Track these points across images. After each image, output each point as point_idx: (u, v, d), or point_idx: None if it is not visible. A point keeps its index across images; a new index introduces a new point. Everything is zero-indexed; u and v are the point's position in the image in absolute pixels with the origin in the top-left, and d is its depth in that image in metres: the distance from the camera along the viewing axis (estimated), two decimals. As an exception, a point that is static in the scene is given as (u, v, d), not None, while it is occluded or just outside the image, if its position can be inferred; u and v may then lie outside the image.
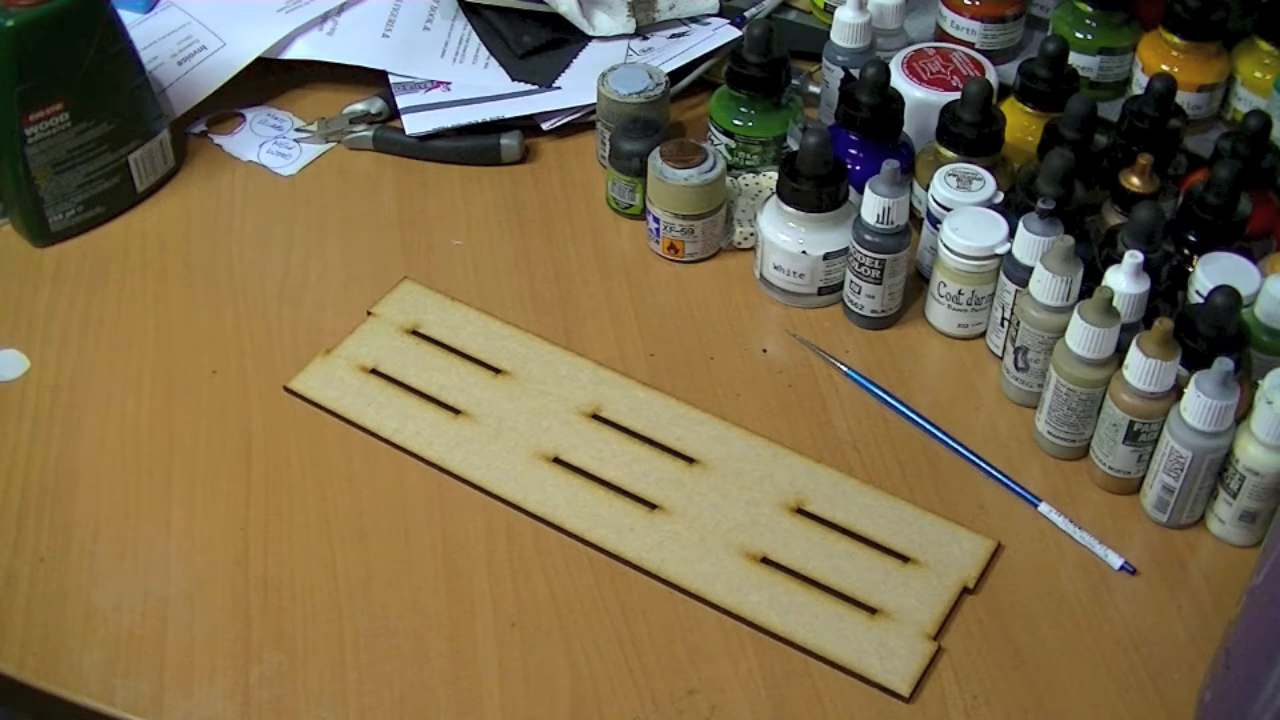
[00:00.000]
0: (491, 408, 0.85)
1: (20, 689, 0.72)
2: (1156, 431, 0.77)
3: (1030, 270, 0.81)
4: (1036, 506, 0.80)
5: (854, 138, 0.93)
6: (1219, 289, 0.76)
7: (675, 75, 1.05)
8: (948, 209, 0.87)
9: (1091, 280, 0.80)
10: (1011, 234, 0.84)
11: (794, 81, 0.99)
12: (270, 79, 1.08)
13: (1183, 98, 0.93)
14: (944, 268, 0.87)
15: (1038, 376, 0.83)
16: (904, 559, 0.77)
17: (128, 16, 0.99)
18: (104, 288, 0.93)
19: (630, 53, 1.08)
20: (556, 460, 0.82)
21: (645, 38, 1.10)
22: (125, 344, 0.90)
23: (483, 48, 1.08)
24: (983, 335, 0.89)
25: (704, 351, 0.89)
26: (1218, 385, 0.73)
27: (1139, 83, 1.00)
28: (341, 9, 1.08)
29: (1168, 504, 0.78)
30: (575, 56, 1.08)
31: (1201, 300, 0.79)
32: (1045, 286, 0.80)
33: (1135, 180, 0.86)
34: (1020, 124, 0.94)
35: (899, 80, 0.97)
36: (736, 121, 0.97)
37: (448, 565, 0.78)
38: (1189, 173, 0.91)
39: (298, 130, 1.05)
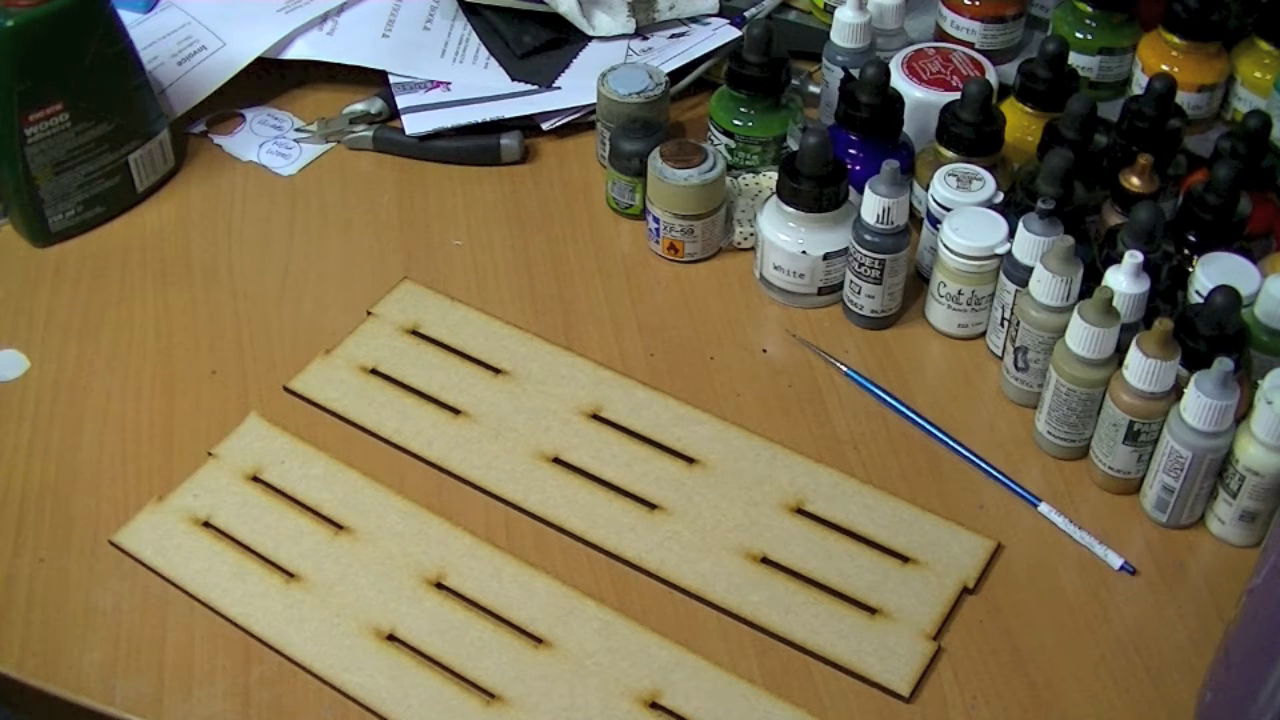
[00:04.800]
0: (491, 408, 0.85)
1: (20, 689, 0.72)
2: (1156, 431, 0.77)
3: (1030, 270, 0.81)
4: (1036, 506, 0.80)
5: (854, 138, 0.93)
6: (1219, 289, 0.76)
7: (675, 75, 1.05)
8: (948, 209, 0.87)
9: (1091, 280, 0.80)
10: (1011, 234, 0.84)
11: (794, 81, 0.99)
12: (270, 79, 1.08)
13: (1183, 98, 0.93)
14: (944, 268, 0.87)
15: (1038, 376, 0.83)
16: (904, 559, 0.77)
17: (128, 16, 0.99)
18: (104, 288, 0.93)
19: (630, 53, 1.08)
20: (556, 460, 0.82)
21: (645, 38, 1.10)
22: (125, 344, 0.90)
23: (483, 48, 1.08)
24: (983, 335, 0.89)
25: (704, 351, 0.89)
26: (1218, 385, 0.73)
27: (1139, 83, 1.00)
28: (341, 9, 1.08)
29: (1168, 504, 0.78)
30: (575, 56, 1.08)
31: (1201, 300, 0.79)
32: (1045, 286, 0.80)
33: (1135, 180, 0.86)
34: (1020, 124, 0.94)
35: (899, 80, 0.97)
36: (736, 121, 0.97)
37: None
38: (1189, 173, 0.91)
39: (298, 130, 1.05)
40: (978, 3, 1.03)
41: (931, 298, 0.89)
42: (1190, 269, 0.82)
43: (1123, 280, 0.78)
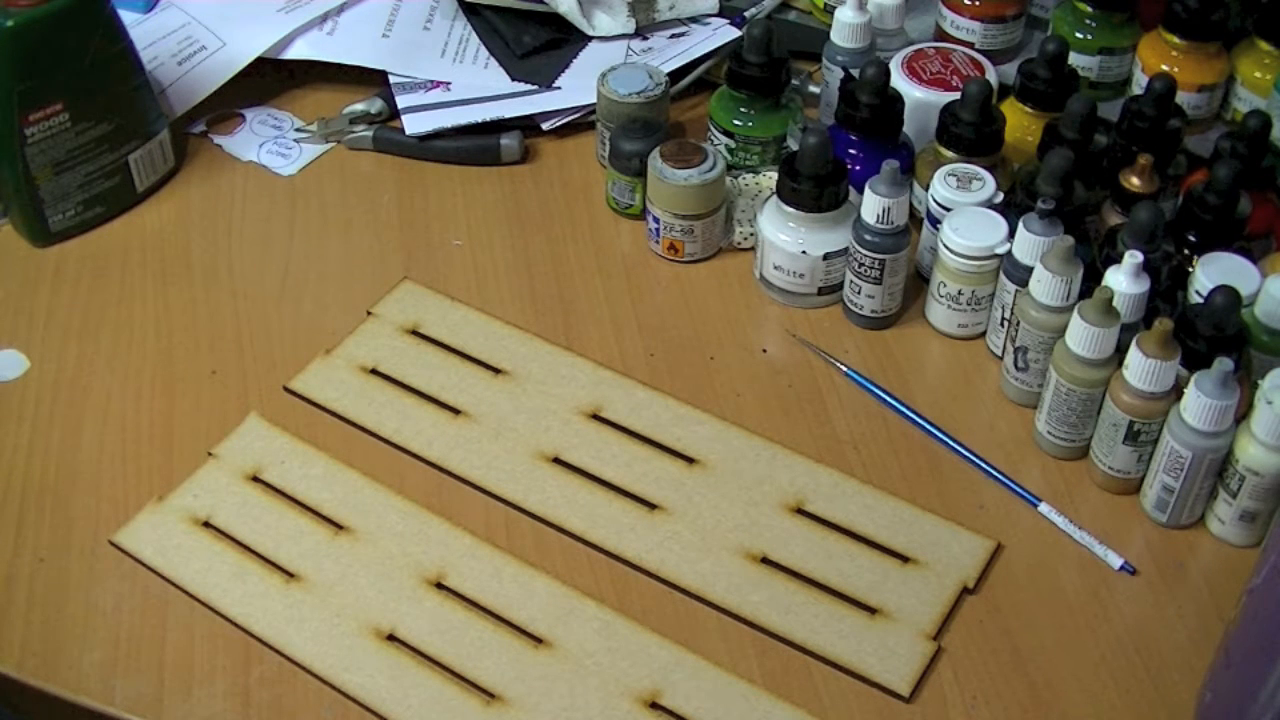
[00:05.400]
0: (491, 408, 0.85)
1: (20, 689, 0.72)
2: (1156, 431, 0.77)
3: (1030, 270, 0.81)
4: (1036, 506, 0.80)
5: (854, 138, 0.93)
6: (1219, 289, 0.76)
7: (675, 75, 1.05)
8: (948, 209, 0.87)
9: (1091, 280, 0.80)
10: (1011, 234, 0.84)
11: (794, 81, 0.99)
12: (270, 79, 1.08)
13: (1183, 98, 0.93)
14: (944, 268, 0.87)
15: (1038, 376, 0.83)
16: (904, 559, 0.77)
17: (128, 16, 0.99)
18: (104, 288, 0.93)
19: (630, 53, 1.08)
20: (556, 460, 0.82)
21: (645, 38, 1.10)
22: (125, 344, 0.90)
23: (483, 48, 1.08)
24: (983, 335, 0.89)
25: (704, 351, 0.89)
26: (1218, 385, 0.73)
27: (1139, 83, 1.00)
28: (341, 9, 1.08)
29: (1168, 504, 0.78)
30: (575, 56, 1.08)
31: (1201, 300, 0.79)
32: (1045, 286, 0.80)
33: (1135, 180, 0.86)
34: (1020, 124, 0.94)
35: (899, 80, 0.97)
36: (736, 121, 0.97)
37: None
38: (1189, 173, 0.91)
39: (298, 130, 1.05)
40: (978, 3, 1.03)
41: (931, 298, 0.90)
42: (1190, 269, 0.82)
43: (1123, 280, 0.78)
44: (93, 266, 0.95)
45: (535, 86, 1.05)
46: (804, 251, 0.89)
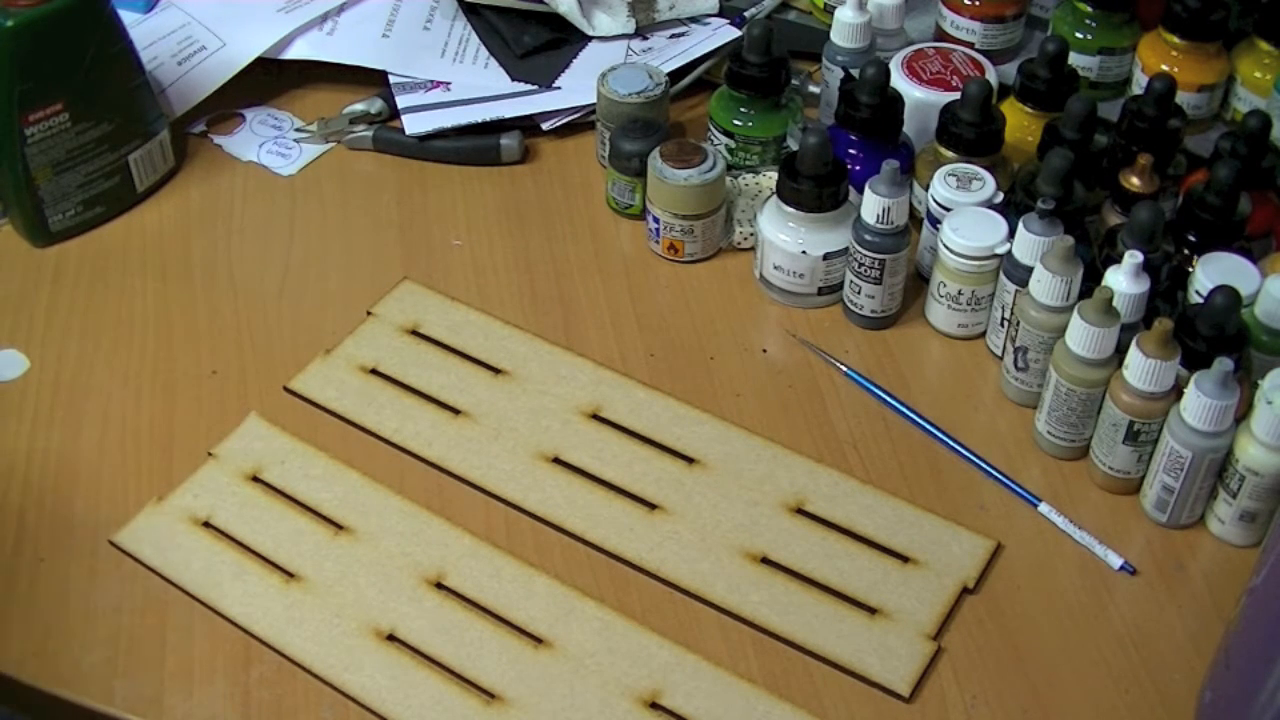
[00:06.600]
0: (491, 408, 0.85)
1: (20, 689, 0.72)
2: (1156, 431, 0.77)
3: (1030, 270, 0.81)
4: (1036, 506, 0.80)
5: (854, 138, 0.93)
6: (1219, 289, 0.76)
7: (675, 75, 1.05)
8: (948, 209, 0.87)
9: (1091, 280, 0.80)
10: (1011, 234, 0.84)
11: (794, 81, 0.99)
12: (270, 79, 1.08)
13: (1183, 98, 0.93)
14: (944, 268, 0.87)
15: (1038, 376, 0.83)
16: (904, 559, 0.77)
17: (128, 16, 0.99)
18: (104, 288, 0.93)
19: (630, 53, 1.08)
20: (556, 460, 0.82)
21: (645, 38, 1.10)
22: (125, 344, 0.90)
23: (483, 48, 1.08)
24: (983, 335, 0.90)
25: (704, 351, 0.89)
26: (1218, 385, 0.73)
27: (1139, 83, 1.00)
28: (341, 9, 1.08)
29: (1168, 504, 0.78)
30: (575, 56, 1.08)
31: (1201, 300, 0.79)
32: (1045, 286, 0.80)
33: (1135, 180, 0.86)
34: (1020, 124, 0.94)
35: (899, 80, 0.97)
36: (736, 121, 0.97)
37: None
38: (1189, 173, 0.91)
39: (298, 130, 1.05)
40: (978, 3, 1.03)
41: (931, 298, 0.90)
42: (1190, 269, 0.82)
43: (1123, 280, 0.78)
44: (93, 266, 0.95)
45: (535, 86, 1.05)
46: (804, 251, 0.89)
